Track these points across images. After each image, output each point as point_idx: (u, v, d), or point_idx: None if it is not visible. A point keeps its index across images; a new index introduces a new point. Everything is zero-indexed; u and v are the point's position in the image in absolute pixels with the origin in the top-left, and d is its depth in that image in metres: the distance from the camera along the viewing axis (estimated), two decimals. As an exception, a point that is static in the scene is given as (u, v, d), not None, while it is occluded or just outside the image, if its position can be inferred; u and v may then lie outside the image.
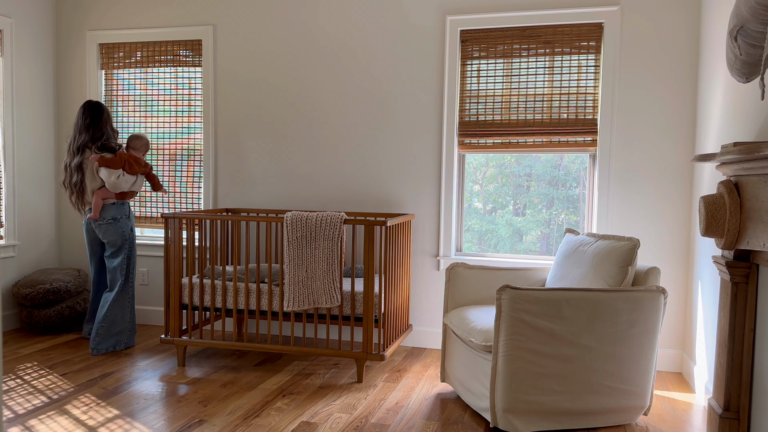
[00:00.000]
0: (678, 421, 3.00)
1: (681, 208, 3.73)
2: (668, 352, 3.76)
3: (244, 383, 3.42)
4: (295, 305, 3.46)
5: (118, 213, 3.92)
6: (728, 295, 2.49)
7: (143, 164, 3.99)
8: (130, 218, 4.00)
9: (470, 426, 2.89)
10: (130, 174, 3.89)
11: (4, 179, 4.42)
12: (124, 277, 3.98)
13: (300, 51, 4.29)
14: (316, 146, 4.29)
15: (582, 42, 3.84)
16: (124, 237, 3.94)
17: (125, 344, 4.03)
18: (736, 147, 2.15)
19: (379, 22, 4.14)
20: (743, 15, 2.09)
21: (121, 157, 3.85)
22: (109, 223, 3.90)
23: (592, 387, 2.74)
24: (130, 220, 3.99)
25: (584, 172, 4.04)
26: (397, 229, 3.63)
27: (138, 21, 4.59)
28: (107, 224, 3.90)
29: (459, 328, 3.07)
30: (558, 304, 2.67)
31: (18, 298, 4.29)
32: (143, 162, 4.00)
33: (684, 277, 3.74)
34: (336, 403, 3.15)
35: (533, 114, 3.93)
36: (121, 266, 3.96)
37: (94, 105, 3.95)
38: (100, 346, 3.92)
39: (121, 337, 4.00)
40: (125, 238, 3.95)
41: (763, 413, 2.34)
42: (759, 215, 2.20)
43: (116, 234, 3.92)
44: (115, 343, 3.98)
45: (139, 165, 3.95)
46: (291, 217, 3.45)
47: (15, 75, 4.45)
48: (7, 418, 2.88)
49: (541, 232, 4.24)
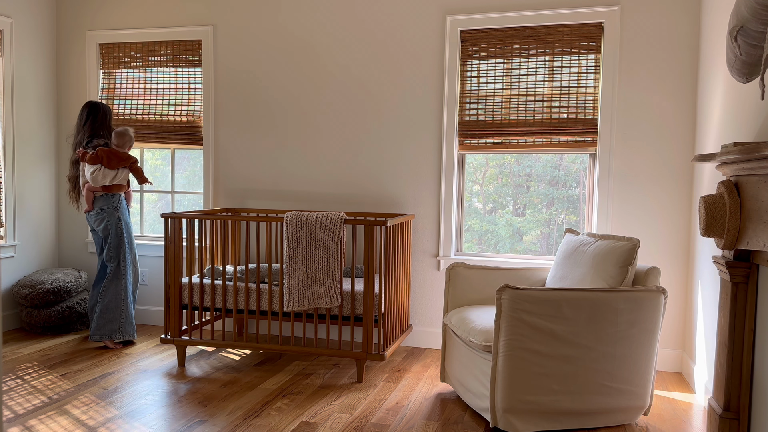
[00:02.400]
0: (678, 421, 3.00)
1: (681, 208, 3.73)
2: (668, 352, 3.76)
3: (244, 383, 3.42)
4: (295, 305, 3.46)
5: (106, 204, 4.06)
6: (728, 295, 2.49)
7: (125, 158, 4.06)
8: (118, 209, 4.08)
9: (470, 426, 2.89)
10: (109, 168, 4.00)
11: (4, 179, 4.42)
12: (115, 265, 4.08)
13: (300, 51, 4.29)
14: (316, 146, 4.29)
15: (582, 42, 3.84)
16: (108, 228, 4.06)
17: (122, 335, 4.07)
18: (736, 147, 2.14)
19: (379, 22, 4.14)
20: (743, 15, 2.09)
21: (98, 154, 3.98)
22: (97, 213, 4.07)
23: (592, 387, 2.74)
24: (117, 211, 4.08)
25: (584, 172, 4.04)
26: (397, 229, 3.63)
27: (138, 21, 4.59)
28: (96, 214, 4.08)
29: (459, 328, 3.07)
30: (558, 304, 2.67)
31: (18, 298, 4.29)
32: (124, 156, 4.06)
33: (684, 277, 3.74)
34: (336, 403, 3.15)
35: (533, 114, 3.93)
36: (109, 255, 4.08)
37: (91, 105, 4.14)
38: (95, 333, 4.05)
39: (115, 326, 4.06)
40: (109, 229, 4.06)
41: (763, 413, 2.34)
42: (759, 215, 2.20)
43: (103, 224, 4.07)
44: (110, 331, 4.04)
45: (119, 159, 4.03)
46: (291, 217, 3.45)
47: (15, 75, 4.45)
48: (7, 418, 2.88)
49: (541, 232, 4.24)
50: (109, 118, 4.18)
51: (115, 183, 4.05)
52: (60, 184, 4.83)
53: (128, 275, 4.11)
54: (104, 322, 4.04)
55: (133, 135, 4.15)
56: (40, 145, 4.69)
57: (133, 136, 4.15)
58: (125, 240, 4.09)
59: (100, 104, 4.16)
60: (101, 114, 4.13)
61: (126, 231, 4.10)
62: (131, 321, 4.12)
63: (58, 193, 4.84)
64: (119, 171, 4.05)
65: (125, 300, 4.09)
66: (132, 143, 4.15)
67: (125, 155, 4.07)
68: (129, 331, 4.10)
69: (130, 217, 4.22)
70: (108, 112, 4.19)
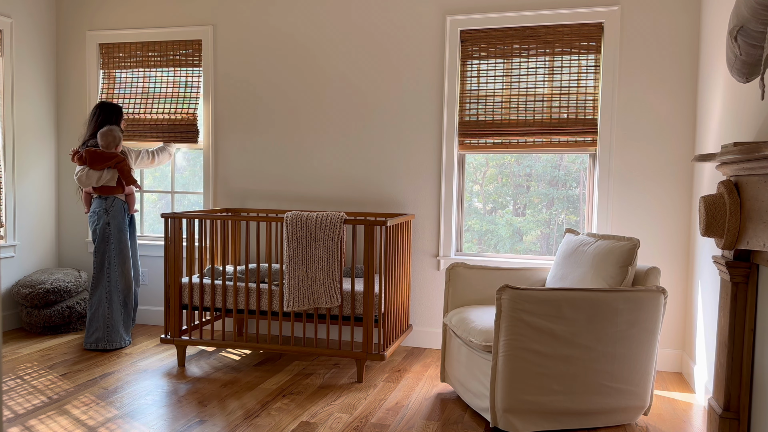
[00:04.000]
0: (678, 421, 3.00)
1: (681, 208, 3.73)
2: (668, 352, 3.76)
3: (244, 383, 3.42)
4: (295, 305, 3.46)
5: (98, 207, 4.03)
6: (728, 295, 2.49)
7: (107, 157, 3.99)
8: (109, 213, 3.99)
9: (470, 426, 2.89)
10: (92, 169, 3.98)
11: (4, 179, 4.42)
12: (97, 271, 4.00)
13: (300, 51, 4.29)
14: (317, 146, 4.29)
15: (582, 42, 3.84)
16: (96, 231, 4.01)
17: (108, 344, 3.97)
18: (736, 147, 2.15)
19: (379, 22, 4.14)
20: (743, 15, 2.09)
21: (82, 155, 3.99)
22: (90, 215, 4.08)
23: (592, 387, 2.74)
24: (108, 215, 3.99)
25: (584, 172, 4.04)
26: (397, 229, 3.63)
27: (138, 21, 4.59)
28: (89, 217, 4.09)
29: (459, 328, 3.07)
30: (558, 304, 2.67)
31: (18, 298, 4.29)
32: (106, 155, 3.99)
33: (684, 277, 3.74)
34: (336, 403, 3.15)
35: (533, 114, 3.93)
36: (95, 260, 4.02)
37: (98, 105, 4.16)
38: (86, 341, 4.01)
39: (101, 334, 3.97)
40: (96, 233, 4.01)
41: (763, 413, 2.34)
42: (759, 215, 2.20)
43: (92, 227, 4.04)
44: (96, 340, 3.97)
45: (103, 159, 3.98)
46: (291, 217, 3.45)
47: (15, 75, 4.45)
48: (7, 418, 2.88)
49: (541, 232, 4.24)
50: (116, 119, 4.10)
51: (104, 184, 3.99)
52: (60, 184, 4.83)
53: (114, 281, 3.99)
54: (93, 330, 3.97)
55: (118, 134, 4.04)
56: (40, 145, 4.69)
57: (118, 135, 4.03)
58: (111, 244, 3.97)
59: (107, 104, 4.12)
60: (106, 113, 4.08)
61: (116, 235, 3.99)
62: (118, 329, 3.99)
63: (58, 193, 4.84)
64: (104, 172, 3.98)
65: (110, 308, 3.97)
66: (117, 142, 4.03)
67: (110, 155, 3.98)
68: (115, 340, 3.99)
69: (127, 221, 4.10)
70: (115, 112, 4.10)
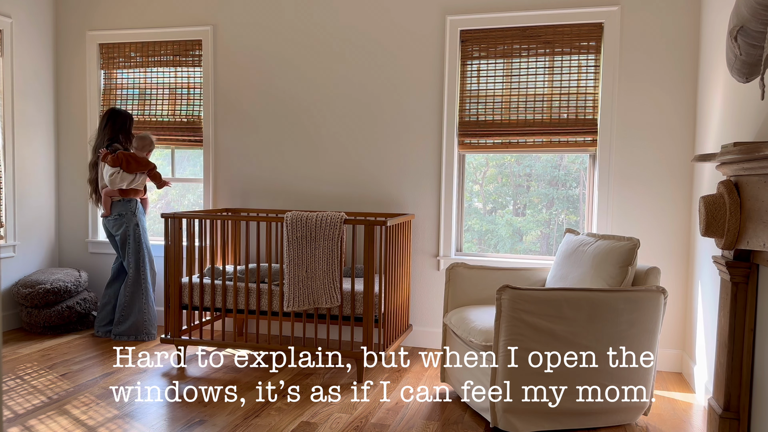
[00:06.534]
0: (678, 421, 3.00)
1: (681, 208, 3.73)
2: (668, 352, 3.76)
3: (244, 383, 3.42)
4: (295, 305, 3.46)
5: (124, 209, 4.15)
6: (728, 295, 2.49)
7: (144, 163, 4.14)
8: (136, 215, 4.18)
9: (470, 426, 2.89)
10: (127, 172, 4.08)
11: (4, 179, 4.42)
12: (134, 270, 4.19)
13: (299, 51, 4.29)
14: (316, 146, 4.29)
15: (582, 42, 3.84)
16: (127, 232, 4.16)
17: (146, 336, 4.21)
18: (736, 147, 2.15)
19: (379, 22, 4.14)
20: (743, 15, 2.09)
21: (119, 156, 4.05)
22: (115, 219, 4.17)
23: (592, 387, 2.74)
24: (135, 217, 4.18)
25: (584, 172, 4.04)
26: (397, 229, 3.63)
27: (138, 21, 4.59)
28: (114, 220, 4.18)
29: (459, 328, 3.07)
30: (558, 304, 2.67)
31: (18, 298, 4.29)
32: (144, 161, 4.15)
33: (684, 277, 3.74)
34: (336, 403, 3.15)
35: (533, 114, 3.93)
36: (128, 260, 4.19)
37: (111, 111, 4.26)
38: (123, 333, 4.19)
39: (135, 327, 4.19)
40: (128, 234, 4.16)
41: (763, 413, 2.34)
42: (759, 215, 2.20)
43: (121, 229, 4.16)
44: (128, 330, 4.18)
45: (138, 164, 4.11)
46: (291, 217, 3.45)
47: (15, 75, 4.45)
48: (7, 418, 2.88)
49: (541, 232, 4.24)
50: (129, 124, 4.26)
51: (132, 187, 4.14)
52: (60, 185, 4.83)
53: (149, 279, 4.24)
54: (130, 324, 4.18)
55: (154, 140, 4.26)
56: (41, 145, 4.69)
57: (153, 141, 4.25)
58: (143, 245, 4.20)
59: (120, 110, 4.26)
60: (120, 119, 4.21)
61: (143, 236, 4.21)
62: (153, 322, 4.25)
63: (58, 193, 4.84)
64: (137, 176, 4.15)
65: (147, 302, 4.21)
66: (152, 148, 4.25)
67: (144, 161, 4.15)
68: (152, 332, 4.23)
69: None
70: (128, 119, 4.26)
